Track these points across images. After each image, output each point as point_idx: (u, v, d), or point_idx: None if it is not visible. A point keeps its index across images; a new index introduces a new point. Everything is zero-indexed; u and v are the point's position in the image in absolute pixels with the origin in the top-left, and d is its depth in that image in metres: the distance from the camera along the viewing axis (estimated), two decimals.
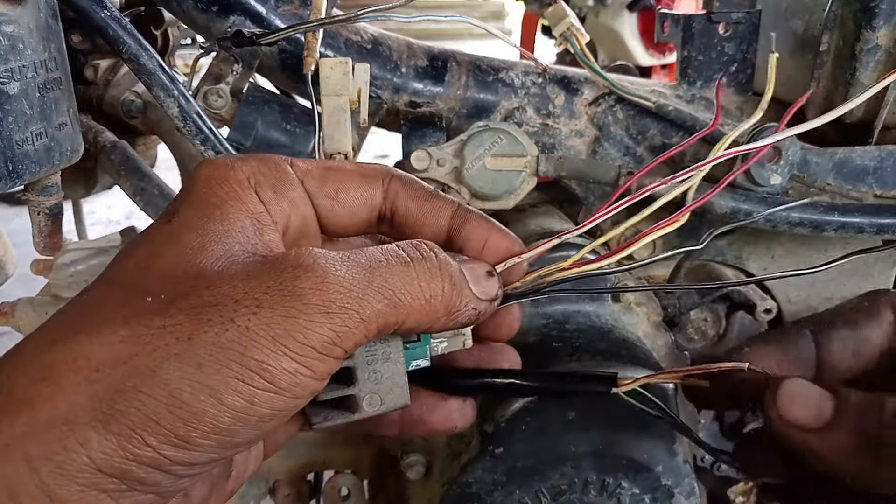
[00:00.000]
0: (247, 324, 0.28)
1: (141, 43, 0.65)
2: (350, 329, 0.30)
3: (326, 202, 0.36)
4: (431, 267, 0.33)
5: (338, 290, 0.30)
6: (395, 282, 0.31)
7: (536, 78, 0.75)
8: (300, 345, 0.29)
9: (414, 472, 0.66)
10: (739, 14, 0.74)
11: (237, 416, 0.28)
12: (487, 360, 0.42)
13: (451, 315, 0.34)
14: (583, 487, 0.60)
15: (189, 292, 0.29)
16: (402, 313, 0.32)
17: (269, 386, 0.28)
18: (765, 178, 0.66)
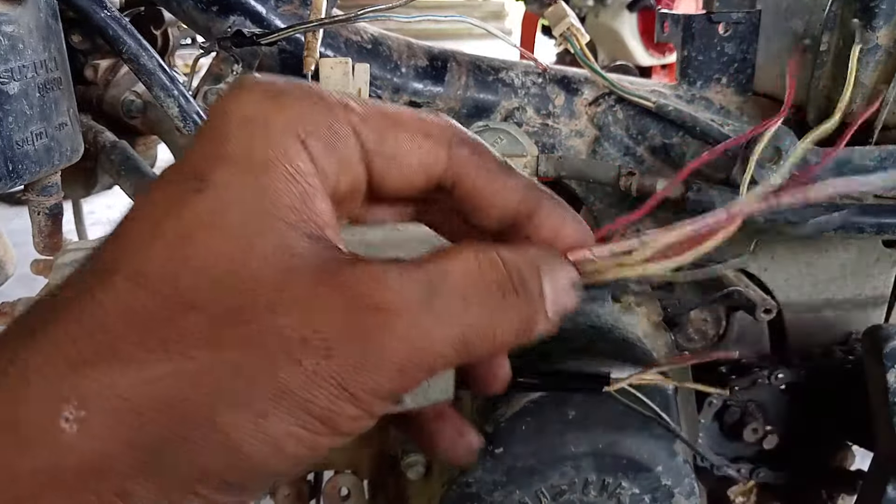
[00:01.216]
0: (315, 367, 0.24)
1: (141, 43, 0.65)
2: (416, 381, 0.27)
3: (381, 162, 0.29)
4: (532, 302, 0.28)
5: (417, 351, 0.26)
6: (472, 333, 0.27)
7: (536, 78, 0.75)
8: (366, 395, 0.25)
9: (414, 472, 0.66)
10: (739, 14, 0.74)
11: (296, 462, 0.26)
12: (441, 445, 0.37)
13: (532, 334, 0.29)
14: (583, 487, 0.60)
15: (243, 313, 0.24)
16: (465, 357, 0.27)
17: (330, 432, 0.25)
18: (765, 178, 0.66)
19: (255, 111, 0.27)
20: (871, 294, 0.82)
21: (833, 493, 0.86)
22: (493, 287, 0.27)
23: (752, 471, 0.81)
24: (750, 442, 0.79)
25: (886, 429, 0.65)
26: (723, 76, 0.76)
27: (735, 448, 0.82)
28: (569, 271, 0.30)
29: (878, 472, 0.67)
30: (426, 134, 0.30)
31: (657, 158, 0.75)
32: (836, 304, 0.82)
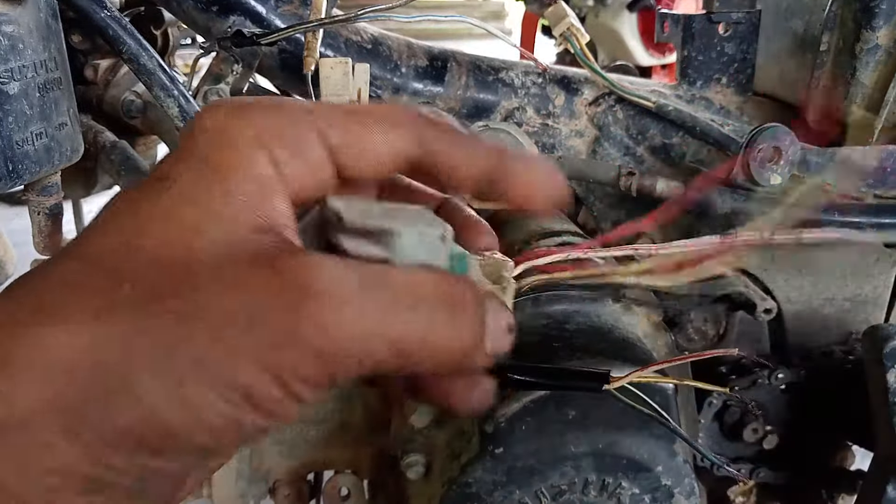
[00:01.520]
0: (236, 342, 0.25)
1: (141, 43, 0.65)
2: (346, 372, 0.27)
3: (350, 156, 0.31)
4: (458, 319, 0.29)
5: (345, 339, 0.26)
6: (411, 336, 0.28)
7: (536, 78, 0.75)
8: (288, 376, 0.26)
9: (414, 472, 0.66)
10: (739, 14, 0.74)
11: (218, 434, 0.26)
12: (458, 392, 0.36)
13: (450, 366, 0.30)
14: (583, 487, 0.60)
15: (176, 290, 0.26)
16: (402, 362, 0.28)
17: (254, 410, 0.26)
18: (765, 179, 0.66)
19: (221, 124, 0.29)
20: (871, 294, 0.83)
21: (833, 493, 0.86)
22: (447, 299, 0.29)
23: (752, 471, 0.81)
24: (750, 442, 0.79)
25: (886, 429, 0.65)
26: (723, 76, 0.76)
27: (735, 448, 0.82)
28: (507, 316, 0.32)
29: (878, 473, 0.67)
30: (392, 123, 0.32)
31: (657, 158, 0.75)
32: (835, 304, 0.82)
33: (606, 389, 0.44)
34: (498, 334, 0.31)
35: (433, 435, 0.67)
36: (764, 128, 0.65)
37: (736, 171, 0.67)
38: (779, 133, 0.65)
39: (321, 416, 0.87)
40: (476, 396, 0.35)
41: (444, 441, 0.66)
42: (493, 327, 0.31)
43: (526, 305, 0.68)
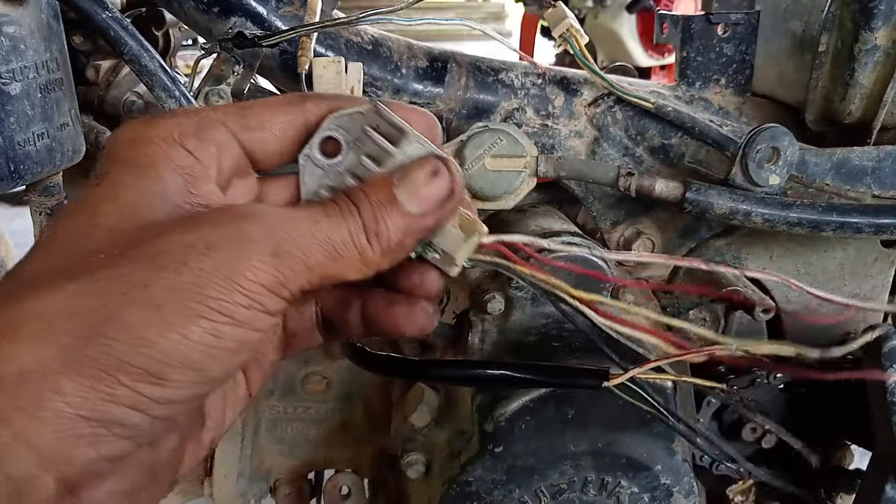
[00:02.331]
0: (200, 265, 0.30)
1: (142, 44, 0.65)
2: (295, 273, 0.32)
3: (254, 135, 0.37)
4: (358, 224, 0.34)
5: (285, 238, 0.32)
6: (335, 237, 0.33)
7: (536, 79, 0.75)
8: (250, 282, 0.30)
9: (414, 471, 0.67)
10: (738, 15, 0.74)
11: (205, 349, 0.30)
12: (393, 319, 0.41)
13: (392, 254, 0.35)
14: (582, 486, 0.60)
15: (139, 242, 0.31)
16: (341, 266, 0.34)
17: (229, 320, 0.30)
18: (763, 179, 0.67)
19: (134, 133, 0.35)
20: (870, 294, 0.83)
21: (832, 493, 0.86)
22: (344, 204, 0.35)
23: None
24: (749, 441, 0.79)
25: (885, 428, 0.65)
26: (721, 77, 0.76)
27: (734, 447, 0.82)
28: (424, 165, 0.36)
29: (876, 472, 0.68)
30: (278, 99, 0.38)
31: (656, 159, 0.76)
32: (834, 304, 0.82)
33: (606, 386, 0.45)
34: (419, 190, 0.36)
35: (433, 434, 0.68)
36: (762, 128, 0.65)
37: (734, 172, 0.67)
38: (777, 133, 0.65)
39: (322, 415, 0.87)
40: (418, 317, 0.40)
41: (444, 440, 0.66)
42: (409, 189, 0.36)
43: (526, 305, 0.68)
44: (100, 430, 0.28)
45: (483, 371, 0.47)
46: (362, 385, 0.87)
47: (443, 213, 0.36)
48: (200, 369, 0.30)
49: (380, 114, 0.37)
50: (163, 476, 0.35)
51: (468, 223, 0.39)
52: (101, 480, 0.30)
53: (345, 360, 0.61)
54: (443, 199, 0.36)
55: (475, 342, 0.68)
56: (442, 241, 0.39)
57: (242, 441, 0.87)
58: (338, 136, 0.37)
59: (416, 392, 0.70)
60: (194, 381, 0.30)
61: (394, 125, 0.37)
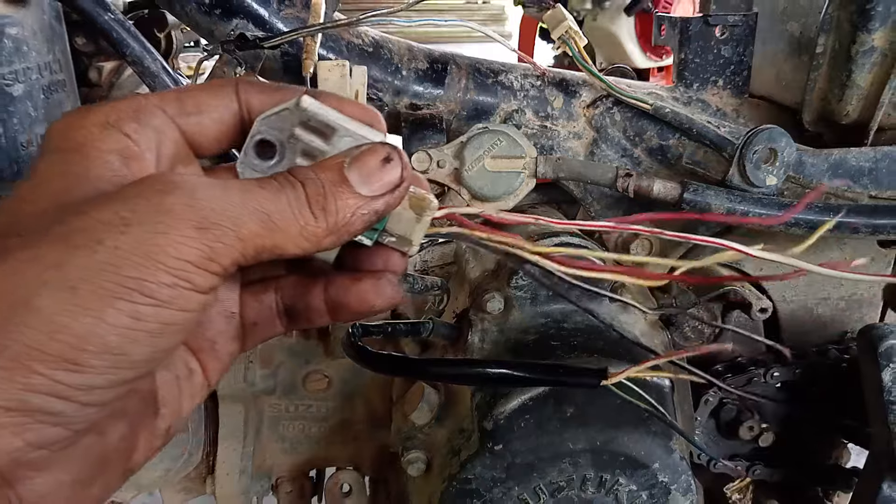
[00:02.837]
0: (116, 243, 0.28)
1: (145, 46, 0.66)
2: (226, 246, 0.30)
3: (192, 119, 0.36)
4: (299, 195, 0.33)
5: (211, 208, 0.30)
6: (269, 207, 0.32)
7: (535, 81, 0.75)
8: (174, 259, 0.29)
9: (414, 469, 0.67)
10: (736, 17, 0.75)
11: (124, 332, 0.28)
12: (361, 294, 0.41)
13: (339, 232, 0.34)
14: (581, 484, 0.60)
15: (59, 220, 0.29)
16: (278, 238, 0.32)
17: (150, 300, 0.29)
18: (760, 180, 0.67)
19: (69, 121, 0.34)
20: (866, 293, 0.83)
21: (829, 491, 0.87)
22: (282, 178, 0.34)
23: (748, 468, 0.82)
24: (746, 439, 0.80)
25: (881, 427, 0.65)
26: (719, 78, 0.77)
27: (731, 445, 0.83)
28: (378, 153, 0.35)
29: (873, 470, 0.68)
30: (212, 85, 0.38)
31: (654, 160, 0.76)
32: (831, 304, 0.83)
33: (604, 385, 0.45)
34: (372, 174, 0.35)
35: (433, 432, 0.68)
36: (760, 129, 0.66)
37: (732, 173, 0.67)
38: (775, 134, 0.66)
39: (323, 413, 0.88)
40: (386, 289, 0.40)
41: (444, 438, 0.67)
42: (362, 172, 0.35)
43: (525, 305, 0.69)
44: (22, 419, 0.27)
45: (482, 370, 0.47)
46: (363, 383, 0.87)
47: (392, 198, 0.36)
48: (121, 353, 0.29)
49: (306, 111, 0.36)
50: (114, 465, 0.34)
51: (418, 201, 0.39)
52: (40, 470, 0.29)
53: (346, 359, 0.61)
54: (394, 185, 0.35)
55: (475, 341, 0.68)
56: (395, 225, 0.39)
57: (244, 439, 0.87)
58: (270, 138, 0.36)
59: (416, 390, 0.70)
60: (115, 365, 0.29)
61: (321, 121, 0.36)
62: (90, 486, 0.32)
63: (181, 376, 0.38)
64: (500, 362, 0.45)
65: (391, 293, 0.40)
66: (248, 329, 0.41)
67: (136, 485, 0.88)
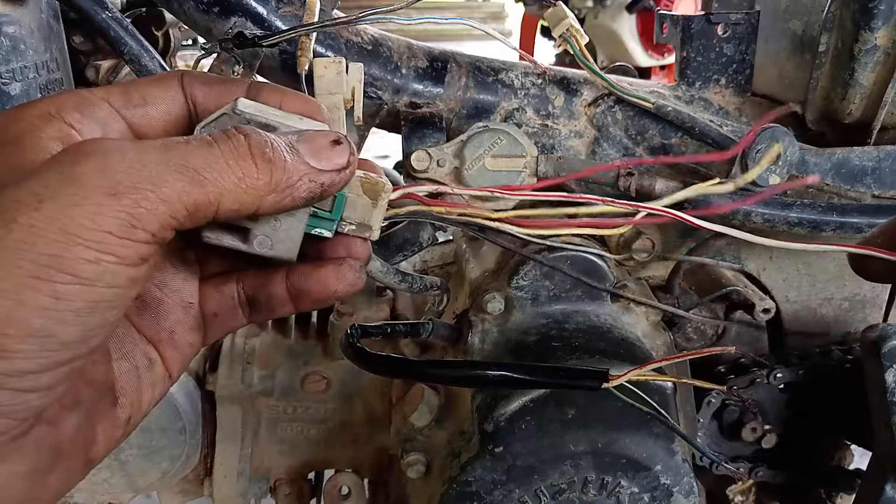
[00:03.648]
0: (30, 221, 0.27)
1: (142, 44, 0.65)
2: (148, 210, 0.29)
3: (138, 111, 0.36)
4: (238, 145, 0.32)
5: (125, 171, 0.28)
6: (196, 160, 0.30)
7: (536, 79, 0.75)
8: (93, 231, 0.28)
9: (414, 471, 0.67)
10: (738, 15, 0.74)
11: (47, 313, 0.27)
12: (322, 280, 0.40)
13: (281, 191, 0.33)
14: (582, 486, 0.60)
15: None
16: (211, 192, 0.30)
17: (71, 278, 0.27)
18: (763, 179, 0.67)
19: (10, 114, 0.33)
20: (870, 294, 0.83)
21: (831, 492, 0.86)
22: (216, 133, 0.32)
23: (750, 470, 0.81)
24: (749, 441, 0.79)
25: (884, 428, 0.65)
26: (721, 77, 0.76)
27: (734, 447, 0.82)
28: (328, 135, 0.35)
29: (876, 471, 0.68)
30: (157, 78, 0.38)
31: (656, 158, 0.76)
32: (834, 304, 0.82)
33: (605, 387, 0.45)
34: (322, 150, 0.34)
35: (433, 434, 0.68)
36: (763, 128, 0.65)
37: (734, 172, 0.67)
38: (777, 133, 0.65)
39: (322, 415, 0.88)
40: (347, 274, 0.40)
41: (444, 440, 0.66)
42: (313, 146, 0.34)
43: (526, 305, 0.68)
44: None
45: (482, 372, 0.47)
46: (362, 385, 0.87)
47: (339, 177, 0.35)
48: (47, 335, 0.28)
49: (243, 114, 0.35)
50: (72, 455, 0.33)
51: (372, 186, 0.39)
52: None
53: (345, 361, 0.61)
54: (341, 166, 0.35)
55: (475, 342, 0.68)
56: (352, 212, 0.39)
57: (242, 441, 0.87)
58: None
59: (416, 392, 0.70)
60: (44, 348, 0.28)
61: (260, 122, 0.36)
62: (46, 476, 0.31)
63: (140, 367, 0.37)
64: (500, 364, 0.44)
65: (353, 278, 0.40)
66: (208, 320, 0.41)
67: (133, 487, 0.87)
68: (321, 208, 0.38)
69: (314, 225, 0.38)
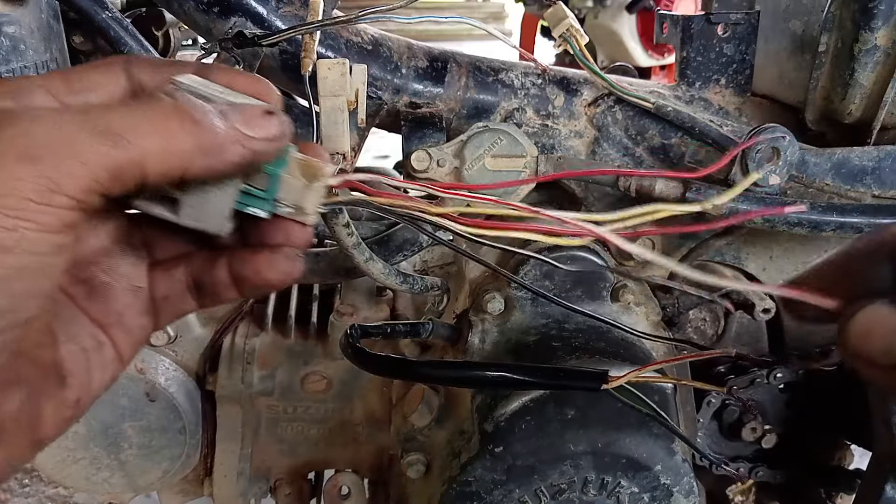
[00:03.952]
0: None
1: (142, 44, 0.65)
2: (67, 174, 0.28)
3: (79, 98, 0.35)
4: (163, 107, 0.31)
5: (42, 136, 0.28)
6: (118, 123, 0.30)
7: (536, 79, 0.75)
8: (9, 198, 0.27)
9: (414, 471, 0.67)
10: (738, 15, 0.74)
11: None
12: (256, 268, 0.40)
13: (210, 154, 0.32)
14: (582, 486, 0.60)
15: None
16: (135, 155, 0.30)
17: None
18: (763, 179, 0.67)
19: None
20: None
21: (831, 492, 0.86)
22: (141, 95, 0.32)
23: (750, 470, 0.81)
24: (749, 441, 0.79)
25: (884, 428, 0.65)
26: (721, 77, 0.76)
27: (734, 447, 0.82)
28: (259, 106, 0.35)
29: (876, 471, 0.68)
30: (100, 63, 0.37)
31: (656, 159, 0.76)
32: None
33: (605, 389, 0.45)
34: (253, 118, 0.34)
35: (433, 434, 0.68)
36: (762, 128, 0.65)
37: (734, 172, 0.67)
38: (777, 133, 0.65)
39: (322, 415, 0.88)
40: (281, 263, 0.39)
41: (444, 440, 0.66)
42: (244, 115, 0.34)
43: (526, 305, 0.68)
44: None
45: (482, 372, 0.47)
46: (362, 385, 0.87)
47: (270, 146, 0.35)
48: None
49: (182, 85, 0.35)
50: (16, 434, 0.33)
51: (311, 169, 0.39)
52: None
53: (344, 361, 0.61)
54: (273, 136, 0.35)
55: (475, 342, 0.68)
56: (287, 193, 0.39)
57: (242, 441, 0.87)
58: None
59: (416, 392, 0.70)
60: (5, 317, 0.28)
61: (201, 95, 0.35)
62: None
63: (89, 348, 0.37)
64: (500, 365, 0.44)
65: (285, 267, 0.40)
66: (159, 304, 0.41)
67: (133, 486, 0.87)
68: (255, 186, 0.38)
69: (248, 203, 0.38)
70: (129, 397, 0.82)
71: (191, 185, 0.35)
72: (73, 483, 0.86)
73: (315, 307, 0.88)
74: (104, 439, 0.84)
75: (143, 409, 0.83)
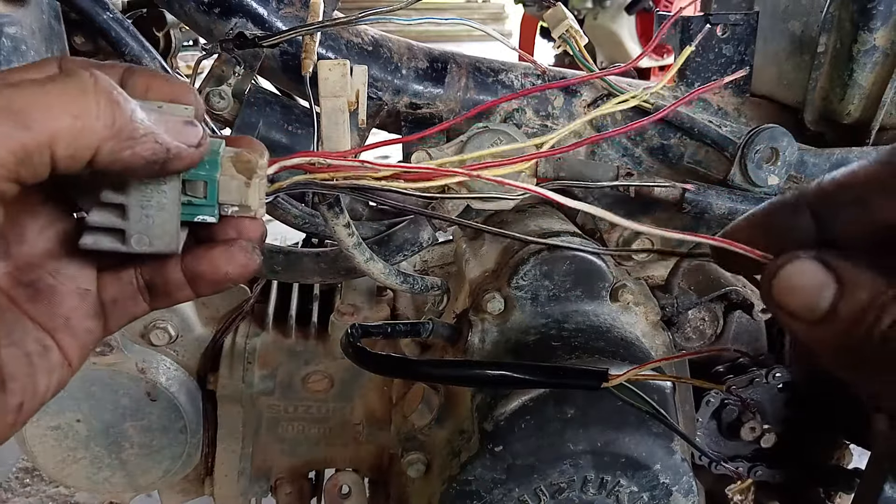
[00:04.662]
0: None
1: (143, 45, 0.65)
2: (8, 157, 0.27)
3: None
4: (80, 81, 0.30)
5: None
6: (22, 101, 0.28)
7: (535, 80, 0.75)
8: None
9: (414, 470, 0.67)
10: (737, 16, 0.74)
11: None
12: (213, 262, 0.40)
13: (122, 140, 0.31)
14: (581, 485, 0.60)
15: None
16: (41, 136, 0.28)
17: None
18: (762, 179, 0.67)
19: None
20: None
21: (830, 492, 0.86)
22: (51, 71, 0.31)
23: (749, 469, 0.82)
24: (748, 440, 0.80)
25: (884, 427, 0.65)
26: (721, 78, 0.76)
27: (733, 446, 0.82)
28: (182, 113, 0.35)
29: (875, 471, 0.68)
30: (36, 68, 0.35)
31: (655, 159, 0.76)
32: None
33: (604, 387, 0.45)
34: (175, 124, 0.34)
35: (433, 433, 0.68)
36: (761, 129, 0.66)
37: (733, 172, 0.67)
38: (776, 134, 0.66)
39: (322, 414, 0.88)
40: (238, 256, 0.39)
41: (444, 439, 0.66)
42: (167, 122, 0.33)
43: (525, 305, 0.69)
44: None
45: (482, 371, 0.47)
46: (362, 385, 0.87)
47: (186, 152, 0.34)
48: None
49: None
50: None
51: (246, 165, 0.38)
52: None
53: (345, 360, 0.61)
54: (190, 144, 0.34)
55: (475, 342, 0.68)
56: (229, 195, 0.38)
57: (243, 440, 0.87)
58: None
59: (416, 391, 0.70)
60: None
61: None
62: None
63: (33, 353, 0.37)
64: (500, 364, 0.44)
65: (243, 259, 0.39)
66: (108, 307, 0.40)
67: (134, 486, 0.88)
68: (194, 195, 0.37)
69: (194, 213, 0.38)
70: (130, 397, 0.82)
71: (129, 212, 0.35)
72: (74, 482, 0.87)
73: (316, 307, 0.88)
74: (105, 439, 0.84)
75: (145, 408, 0.83)
